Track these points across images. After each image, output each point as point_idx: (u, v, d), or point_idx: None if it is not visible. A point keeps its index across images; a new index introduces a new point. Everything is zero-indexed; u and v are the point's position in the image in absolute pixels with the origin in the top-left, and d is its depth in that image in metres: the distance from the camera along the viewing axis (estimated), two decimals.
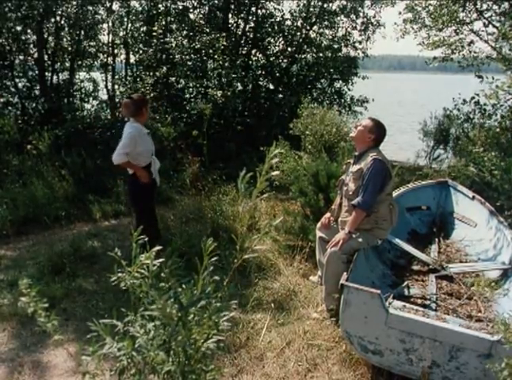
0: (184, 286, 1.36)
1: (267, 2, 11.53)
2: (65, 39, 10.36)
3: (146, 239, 1.44)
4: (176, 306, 1.27)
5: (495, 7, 9.11)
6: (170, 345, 1.29)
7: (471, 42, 10.19)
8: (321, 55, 12.00)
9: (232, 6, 11.05)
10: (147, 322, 1.36)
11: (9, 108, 9.85)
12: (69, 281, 4.78)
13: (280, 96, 11.48)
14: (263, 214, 6.43)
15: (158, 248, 1.41)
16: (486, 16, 9.33)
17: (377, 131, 4.18)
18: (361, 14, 12.11)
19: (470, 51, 10.24)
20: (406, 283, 4.34)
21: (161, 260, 1.36)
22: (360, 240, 4.07)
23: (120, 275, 1.39)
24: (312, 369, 3.45)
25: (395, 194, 5.75)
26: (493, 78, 7.55)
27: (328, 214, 4.56)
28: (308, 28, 11.74)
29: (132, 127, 4.65)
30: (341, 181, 4.45)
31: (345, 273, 3.57)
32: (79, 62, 10.62)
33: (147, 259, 1.37)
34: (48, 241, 5.95)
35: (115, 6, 10.67)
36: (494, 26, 9.29)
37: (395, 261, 5.00)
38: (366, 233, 4.11)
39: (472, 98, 8.95)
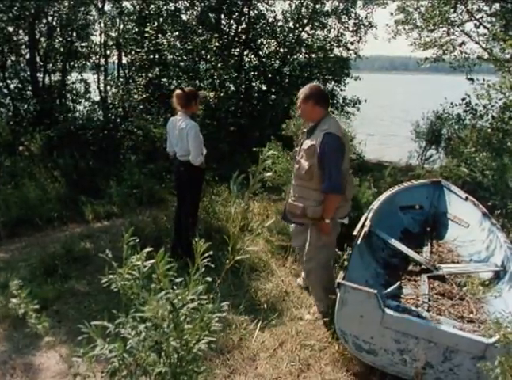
0: (175, 287, 1.36)
1: (259, 3, 11.55)
2: (57, 40, 10.31)
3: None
4: (167, 307, 1.27)
5: (486, 8, 9.16)
6: (161, 346, 1.29)
7: (463, 43, 10.25)
8: (313, 55, 12.03)
9: (224, 7, 11.04)
10: (138, 324, 1.35)
11: (1, 109, 9.79)
12: (61, 283, 4.76)
13: (273, 96, 11.49)
14: (256, 215, 6.43)
15: (149, 249, 1.41)
16: (477, 17, 9.38)
17: (313, 94, 3.80)
18: (353, 15, 12.16)
19: (461, 52, 10.30)
20: (398, 282, 4.34)
21: (152, 261, 1.36)
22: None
23: (111, 276, 1.39)
24: (305, 369, 3.46)
25: (389, 192, 5.78)
26: (484, 80, 7.59)
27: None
28: (300, 29, 11.76)
29: (192, 126, 4.81)
30: (294, 153, 4.11)
31: (341, 272, 3.58)
32: (71, 63, 10.57)
33: (138, 260, 1.37)
34: (41, 242, 5.93)
35: (107, 7, 10.64)
36: (485, 27, 9.35)
37: (388, 260, 5.01)
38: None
39: (463, 99, 9.00)
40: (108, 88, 10.89)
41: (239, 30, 11.42)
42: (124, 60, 11.07)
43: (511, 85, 6.77)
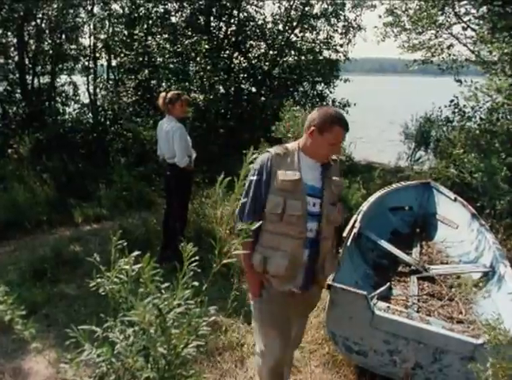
0: (163, 292, 1.36)
1: (248, 6, 11.57)
2: (46, 43, 10.24)
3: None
4: (154, 313, 1.27)
5: (474, 11, 9.22)
6: (149, 351, 1.29)
7: (451, 45, 10.33)
8: (303, 58, 12.05)
9: (214, 10, 11.04)
10: (126, 328, 1.35)
11: None
12: (51, 286, 4.74)
13: (263, 99, 11.51)
14: None
15: (137, 253, 1.41)
16: (464, 19, 9.45)
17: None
18: (342, 18, 12.19)
19: (449, 54, 10.38)
20: (388, 283, 4.36)
21: (140, 265, 1.36)
22: None
23: (99, 280, 1.38)
24: (295, 371, 3.46)
25: (378, 194, 5.81)
26: (471, 81, 7.64)
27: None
28: (290, 31, 11.79)
29: (177, 128, 4.91)
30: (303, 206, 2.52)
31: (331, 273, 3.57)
32: (60, 66, 10.50)
33: (126, 264, 1.37)
34: (30, 245, 5.89)
35: (96, 9, 10.60)
36: (472, 30, 9.41)
37: (377, 261, 5.03)
38: None
39: (452, 101, 9.06)
40: (98, 90, 10.86)
41: (229, 32, 11.44)
42: (114, 62, 11.04)
43: (498, 87, 6.82)
